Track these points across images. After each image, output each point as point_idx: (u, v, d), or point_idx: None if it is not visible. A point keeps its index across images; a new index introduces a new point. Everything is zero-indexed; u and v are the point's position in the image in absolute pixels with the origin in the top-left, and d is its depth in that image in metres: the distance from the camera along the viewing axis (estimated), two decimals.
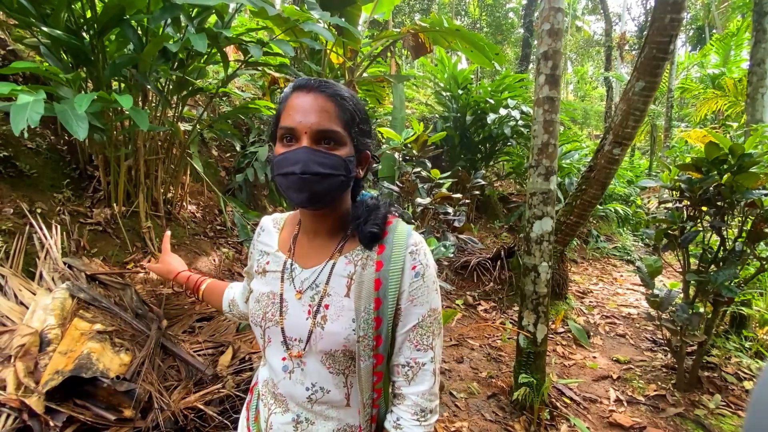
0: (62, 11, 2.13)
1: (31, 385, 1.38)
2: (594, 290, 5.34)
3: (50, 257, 2.00)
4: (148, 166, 2.79)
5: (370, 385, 0.75)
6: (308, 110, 0.70)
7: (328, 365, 0.76)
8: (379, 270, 0.74)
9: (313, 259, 0.80)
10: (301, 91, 0.71)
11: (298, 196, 0.71)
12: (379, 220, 0.76)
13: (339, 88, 0.73)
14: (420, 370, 0.76)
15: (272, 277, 0.82)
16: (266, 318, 0.79)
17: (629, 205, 8.29)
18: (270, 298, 0.80)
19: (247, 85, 5.21)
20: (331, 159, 0.70)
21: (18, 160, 2.30)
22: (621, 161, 3.39)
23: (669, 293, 2.79)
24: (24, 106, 1.53)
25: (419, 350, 0.76)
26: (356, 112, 0.74)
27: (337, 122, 0.71)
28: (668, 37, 2.86)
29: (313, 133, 0.69)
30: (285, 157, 0.71)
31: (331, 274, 0.76)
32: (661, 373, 3.11)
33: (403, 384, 0.77)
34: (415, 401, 0.76)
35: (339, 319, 0.73)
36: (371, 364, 0.73)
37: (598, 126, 18.56)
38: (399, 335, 0.76)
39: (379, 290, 0.73)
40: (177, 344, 1.90)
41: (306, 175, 0.69)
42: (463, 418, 2.39)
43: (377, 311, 0.72)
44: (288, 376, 0.78)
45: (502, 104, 6.06)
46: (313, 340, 0.75)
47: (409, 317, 0.76)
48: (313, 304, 0.76)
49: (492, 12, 15.89)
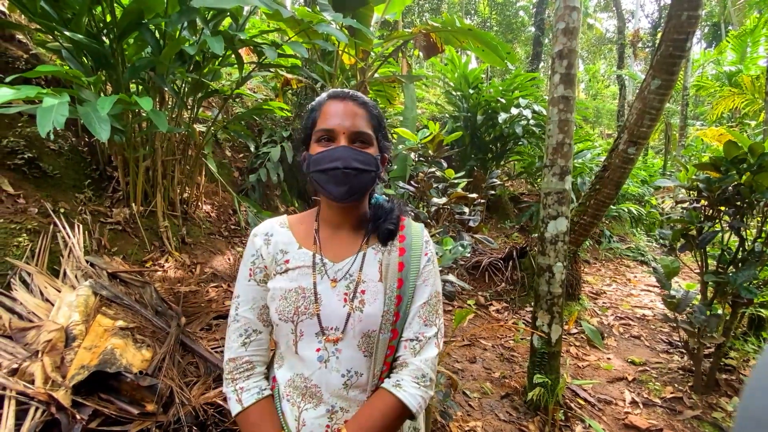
0: (83, 16, 2.19)
1: (58, 380, 1.42)
2: (607, 291, 5.28)
3: (73, 255, 2.05)
4: (165, 167, 2.84)
5: (383, 358, 0.83)
6: (344, 115, 0.82)
7: (363, 348, 0.82)
8: (402, 255, 0.86)
9: (342, 252, 0.87)
10: (336, 99, 0.85)
11: (338, 190, 0.81)
12: (394, 219, 0.89)
13: (366, 98, 0.88)
14: (426, 342, 0.85)
15: (298, 273, 0.85)
16: (299, 312, 0.81)
17: (643, 205, 8.17)
18: (299, 293, 0.82)
19: (259, 86, 5.27)
20: (366, 156, 0.82)
21: (42, 161, 2.36)
22: (636, 161, 3.35)
23: (686, 294, 2.75)
24: (50, 109, 1.58)
25: (426, 325, 0.85)
26: (380, 118, 0.89)
27: (367, 125, 0.84)
28: (685, 34, 2.82)
29: (349, 134, 0.82)
30: (324, 155, 0.81)
31: (363, 263, 0.86)
32: (677, 376, 3.06)
33: (408, 356, 0.84)
34: (418, 366, 0.82)
35: (375, 302, 0.82)
36: (388, 338, 0.82)
37: (610, 125, 18.31)
38: (411, 311, 0.85)
39: (402, 271, 0.84)
40: (195, 341, 1.94)
41: (348, 170, 0.79)
42: (476, 418, 2.39)
43: (399, 290, 0.83)
44: (323, 366, 0.81)
45: (514, 103, 6.02)
46: (351, 324, 0.81)
47: (421, 295, 0.86)
48: (349, 292, 0.83)
49: (502, 11, 15.79)
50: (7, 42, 2.58)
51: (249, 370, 0.86)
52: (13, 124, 2.31)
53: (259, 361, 0.88)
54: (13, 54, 2.52)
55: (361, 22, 3.83)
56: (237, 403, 0.83)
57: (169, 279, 2.47)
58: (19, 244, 1.96)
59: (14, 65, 2.48)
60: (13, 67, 2.45)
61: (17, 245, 1.95)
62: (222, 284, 2.73)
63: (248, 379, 0.86)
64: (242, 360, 0.86)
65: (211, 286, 2.64)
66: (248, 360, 0.87)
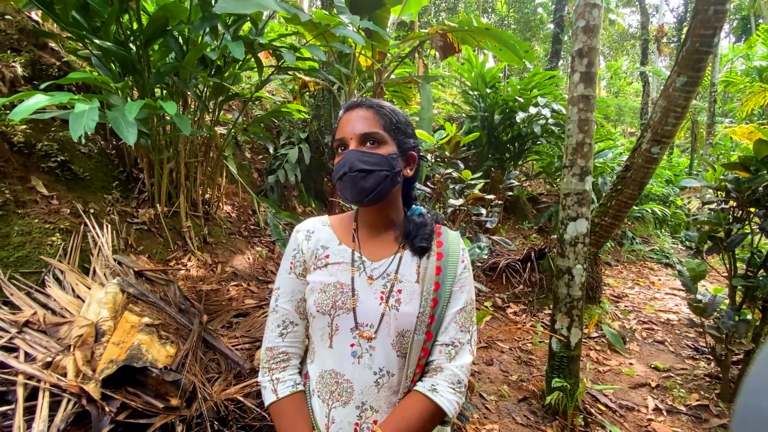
0: (112, 24, 2.28)
1: (88, 373, 1.49)
2: (630, 294, 5.14)
3: (102, 254, 2.14)
4: (187, 169, 2.93)
5: (416, 359, 0.83)
6: (353, 121, 0.86)
7: (398, 348, 0.83)
8: (440, 259, 0.88)
9: (380, 252, 0.90)
10: (348, 109, 0.89)
11: (351, 194, 0.84)
12: (426, 235, 0.89)
13: (378, 102, 0.89)
14: (461, 348, 0.85)
15: (337, 268, 0.87)
16: (336, 306, 0.83)
17: (668, 205, 7.90)
18: (338, 288, 0.85)
19: (278, 89, 5.36)
20: (374, 157, 0.83)
21: (73, 163, 2.47)
22: (660, 160, 3.25)
23: (713, 299, 2.66)
24: (81, 114, 1.65)
25: (462, 331, 0.86)
26: (393, 115, 0.88)
27: (376, 125, 0.85)
28: (712, 29, 2.72)
29: (357, 137, 0.84)
30: (339, 163, 0.85)
31: (399, 264, 0.88)
32: (703, 383, 2.96)
33: (444, 361, 0.84)
34: (453, 372, 0.83)
35: (411, 302, 0.84)
36: (422, 340, 0.83)
37: (633, 123, 17.80)
38: (446, 316, 0.86)
39: (439, 275, 0.86)
40: (217, 338, 1.99)
41: (353, 173, 0.81)
42: (493, 421, 2.37)
43: (435, 293, 0.84)
44: (357, 361, 0.83)
45: (532, 102, 5.93)
46: (386, 323, 0.83)
47: (457, 301, 0.87)
48: (385, 291, 0.85)
49: (520, 8, 15.57)
50: (41, 50, 2.71)
51: (285, 361, 0.89)
52: (47, 128, 2.43)
53: (294, 353, 0.91)
54: (46, 62, 2.64)
55: (378, 24, 3.84)
56: (272, 393, 0.85)
57: (191, 277, 2.54)
58: (53, 243, 2.06)
59: (48, 72, 2.60)
60: (46, 75, 2.57)
61: (51, 244, 2.05)
62: (242, 283, 2.79)
63: (284, 371, 0.88)
64: (279, 350, 0.89)
65: (232, 285, 2.70)
66: (284, 351, 0.89)
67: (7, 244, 1.95)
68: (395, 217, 0.92)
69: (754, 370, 0.31)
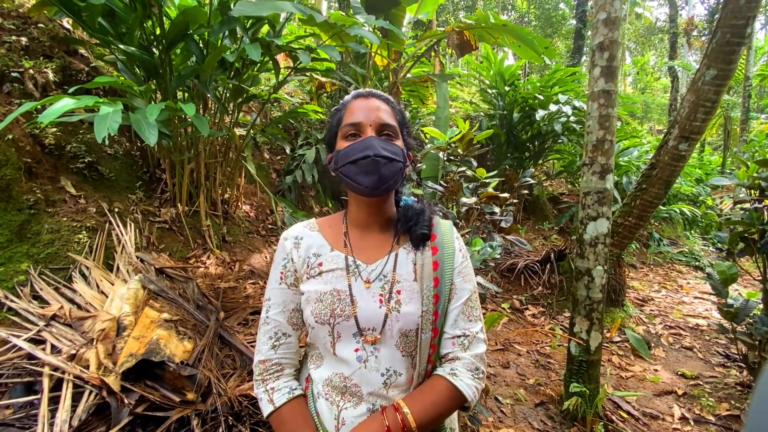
0: (136, 29, 2.36)
1: (109, 366, 1.55)
2: (656, 298, 4.94)
3: (125, 252, 2.22)
4: (207, 169, 3.00)
5: (426, 357, 0.83)
6: (370, 109, 0.86)
7: (402, 348, 0.83)
8: (436, 254, 0.86)
9: (374, 253, 0.88)
10: (360, 97, 0.89)
11: (367, 179, 0.81)
12: (426, 221, 0.89)
13: (388, 96, 0.91)
14: (474, 338, 0.85)
15: (332, 275, 0.85)
16: (335, 314, 0.82)
17: (698, 205, 7.56)
18: (335, 296, 0.83)
19: (295, 90, 5.43)
20: (394, 147, 0.84)
21: (100, 164, 2.57)
22: (688, 158, 3.11)
23: (746, 303, 2.52)
24: (105, 116, 1.71)
25: (471, 321, 0.86)
26: (403, 114, 0.92)
27: (392, 119, 0.87)
28: (744, 19, 2.59)
29: (377, 126, 0.84)
30: (354, 146, 0.83)
31: (395, 263, 0.86)
32: (734, 392, 2.81)
33: (459, 351, 0.84)
34: (471, 360, 0.83)
35: (412, 301, 0.83)
36: (429, 337, 0.83)
37: (661, 120, 17.13)
38: (453, 309, 0.86)
39: (437, 270, 0.85)
40: (233, 335, 2.03)
41: (378, 157, 0.81)
42: (509, 425, 2.32)
43: (436, 289, 0.84)
44: (363, 365, 0.82)
45: (552, 100, 5.79)
46: (389, 324, 0.82)
47: (462, 292, 0.87)
48: (384, 293, 0.84)
49: (541, 4, 15.24)
50: (71, 56, 2.84)
51: (278, 371, 0.86)
52: (75, 131, 2.54)
53: (288, 363, 0.88)
54: (76, 67, 2.77)
55: (394, 23, 3.84)
56: (269, 403, 0.83)
57: (210, 275, 2.61)
58: (80, 240, 2.15)
59: (77, 77, 2.72)
60: (75, 80, 2.69)
61: (78, 242, 2.14)
62: (259, 281, 2.84)
63: (278, 380, 0.85)
64: (272, 362, 0.86)
65: (249, 283, 2.75)
66: (277, 362, 0.87)
67: (38, 241, 2.05)
68: (390, 213, 0.92)
69: (763, 382, 0.29)
